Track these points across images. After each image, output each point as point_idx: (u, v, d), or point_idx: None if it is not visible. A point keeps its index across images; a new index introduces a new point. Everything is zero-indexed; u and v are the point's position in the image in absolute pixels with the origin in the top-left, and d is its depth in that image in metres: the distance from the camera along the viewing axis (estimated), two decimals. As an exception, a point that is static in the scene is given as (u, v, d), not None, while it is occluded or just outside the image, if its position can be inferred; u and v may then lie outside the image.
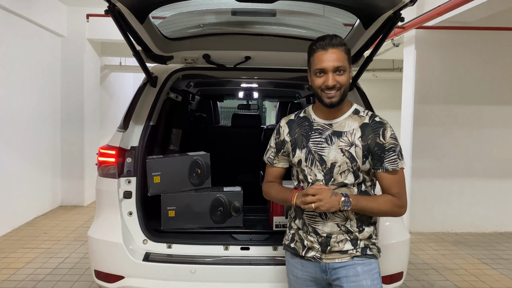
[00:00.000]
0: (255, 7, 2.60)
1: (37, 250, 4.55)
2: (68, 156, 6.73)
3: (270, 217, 2.77)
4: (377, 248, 1.84)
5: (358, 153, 1.74)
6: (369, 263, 1.78)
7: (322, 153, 1.76)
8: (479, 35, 5.52)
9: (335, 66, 1.68)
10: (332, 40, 1.70)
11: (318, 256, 1.79)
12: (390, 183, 1.77)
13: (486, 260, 4.57)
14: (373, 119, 1.78)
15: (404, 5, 2.00)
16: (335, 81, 1.68)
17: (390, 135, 1.75)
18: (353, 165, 1.74)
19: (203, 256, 2.49)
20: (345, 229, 1.78)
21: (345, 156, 1.74)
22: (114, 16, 2.19)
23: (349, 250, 1.78)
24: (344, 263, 1.77)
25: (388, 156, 1.74)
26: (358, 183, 1.78)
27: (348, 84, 1.73)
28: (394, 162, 1.75)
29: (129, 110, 2.76)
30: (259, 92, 5.33)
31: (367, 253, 1.79)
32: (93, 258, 2.57)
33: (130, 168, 2.61)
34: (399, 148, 1.77)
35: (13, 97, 5.39)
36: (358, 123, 1.77)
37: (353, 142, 1.75)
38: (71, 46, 6.65)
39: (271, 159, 1.95)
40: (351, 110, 1.80)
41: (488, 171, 5.66)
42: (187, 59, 2.90)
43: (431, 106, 5.60)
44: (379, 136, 1.74)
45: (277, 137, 1.92)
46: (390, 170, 1.75)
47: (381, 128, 1.75)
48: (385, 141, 1.74)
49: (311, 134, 1.80)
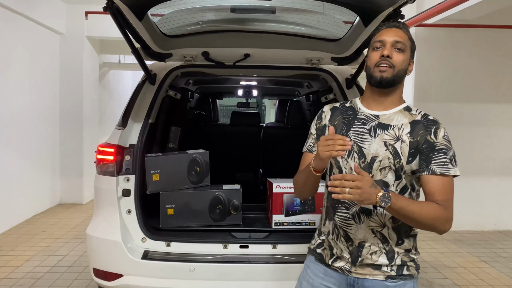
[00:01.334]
0: (254, 4, 2.59)
1: (35, 248, 4.55)
2: (67, 154, 6.71)
3: (269, 215, 2.76)
4: (416, 266, 1.61)
5: (404, 149, 1.53)
6: (403, 285, 1.57)
7: (362, 145, 1.57)
8: (479, 33, 5.51)
9: (395, 40, 1.56)
10: (399, 22, 1.64)
11: (347, 268, 1.60)
12: (435, 188, 1.51)
13: (485, 258, 4.57)
14: (426, 117, 1.59)
15: (404, 2, 1.99)
16: (391, 53, 1.55)
17: (443, 135, 1.54)
18: (396, 162, 1.53)
19: (202, 254, 2.49)
20: (381, 236, 1.57)
21: (388, 151, 1.54)
22: (113, 13, 2.19)
23: (383, 265, 1.57)
24: (376, 282, 1.57)
25: (437, 157, 1.52)
26: (401, 188, 1.56)
27: (403, 69, 1.57)
28: (444, 165, 1.51)
29: (128, 108, 2.75)
30: (258, 90, 5.32)
31: (403, 273, 1.57)
32: (92, 256, 2.57)
33: (128, 166, 2.60)
34: (452, 152, 1.53)
35: (11, 95, 5.38)
36: (408, 119, 1.58)
37: (400, 136, 1.55)
38: (70, 43, 6.63)
39: (311, 146, 1.72)
40: (402, 105, 1.63)
41: (487, 169, 5.66)
42: (186, 56, 2.89)
43: (430, 104, 5.59)
44: (431, 133, 1.54)
45: (318, 122, 1.73)
46: (437, 173, 1.50)
47: (434, 126, 1.56)
48: (436, 140, 1.53)
49: (354, 123, 1.62)
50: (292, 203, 2.65)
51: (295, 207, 2.68)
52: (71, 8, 6.55)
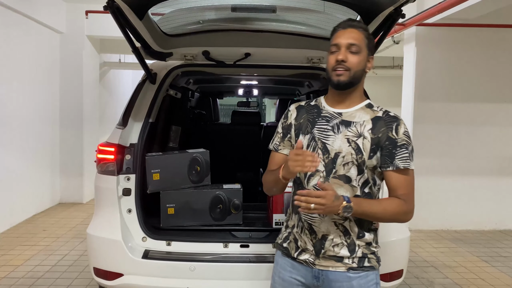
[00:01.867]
0: (255, 3, 2.59)
1: (36, 248, 4.55)
2: (67, 153, 6.71)
3: (269, 214, 2.76)
4: (377, 258, 1.69)
5: (366, 145, 1.61)
6: (365, 276, 1.65)
7: (326, 141, 1.64)
8: (479, 32, 5.50)
9: (349, 42, 1.60)
10: (354, 21, 1.68)
11: (311, 260, 1.67)
12: (399, 183, 1.62)
13: (485, 258, 4.57)
14: (387, 114, 1.67)
15: (404, 1, 2.00)
16: (346, 57, 1.59)
17: (404, 131, 1.63)
18: (358, 157, 1.61)
19: (203, 254, 2.49)
20: (343, 229, 1.64)
21: (350, 147, 1.62)
22: (113, 12, 2.18)
23: (345, 257, 1.64)
24: (339, 274, 1.64)
25: (400, 153, 1.61)
26: (363, 182, 1.64)
27: (360, 70, 1.62)
28: (406, 160, 1.61)
29: (128, 107, 2.75)
30: (259, 89, 5.31)
31: (364, 265, 1.65)
32: (92, 255, 2.56)
33: (129, 165, 2.60)
34: (411, 147, 1.64)
35: (12, 94, 5.37)
36: (370, 116, 1.66)
37: (361, 133, 1.63)
38: (70, 43, 6.62)
39: (277, 145, 1.81)
40: (364, 103, 1.70)
41: (487, 169, 5.65)
42: (187, 55, 2.89)
43: (431, 104, 5.59)
44: (392, 130, 1.62)
45: (284, 121, 1.80)
46: (401, 168, 1.61)
47: (395, 122, 1.63)
48: (397, 136, 1.62)
49: (318, 120, 1.69)
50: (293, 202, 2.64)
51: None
52: (72, 7, 6.55)
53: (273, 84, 4.60)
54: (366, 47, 1.64)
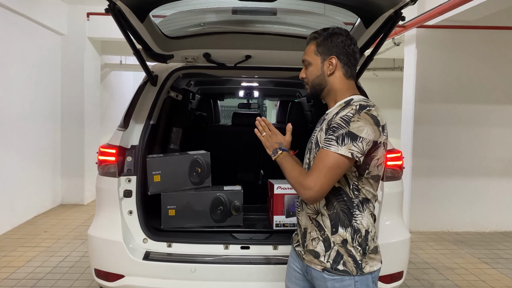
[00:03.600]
0: (255, 5, 2.60)
1: (37, 249, 4.55)
2: (68, 155, 6.72)
3: (270, 216, 2.77)
4: (356, 264, 1.57)
5: (322, 137, 1.60)
6: (340, 280, 1.58)
7: (311, 141, 1.74)
8: (480, 34, 5.50)
9: (302, 59, 1.74)
10: (310, 35, 1.74)
11: (301, 253, 1.72)
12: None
13: (486, 259, 4.57)
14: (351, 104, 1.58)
15: (405, 4, 2.00)
16: (304, 74, 1.74)
17: (343, 115, 1.53)
18: (316, 150, 1.62)
19: (203, 255, 2.49)
20: (317, 223, 1.64)
21: (312, 142, 1.70)
22: (115, 14, 2.19)
23: (321, 254, 1.61)
24: (316, 272, 1.63)
25: (328, 135, 1.55)
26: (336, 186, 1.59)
27: (315, 78, 1.69)
28: (328, 141, 1.52)
29: (130, 108, 2.76)
30: (259, 91, 5.33)
31: (337, 268, 1.58)
32: (93, 256, 2.57)
33: (130, 167, 2.61)
34: (343, 131, 1.50)
35: (13, 95, 5.39)
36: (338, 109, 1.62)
37: (322, 127, 1.65)
38: (72, 44, 6.65)
39: None
40: (344, 100, 1.66)
41: (488, 170, 5.65)
42: (188, 57, 2.90)
43: (431, 105, 5.59)
44: (336, 115, 1.56)
45: None
46: (321, 147, 1.55)
47: (344, 109, 1.56)
48: (334, 120, 1.55)
49: (317, 124, 1.79)
50: (293, 204, 2.65)
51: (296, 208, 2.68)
52: (73, 9, 6.57)
53: (274, 86, 4.62)
54: (317, 54, 1.69)
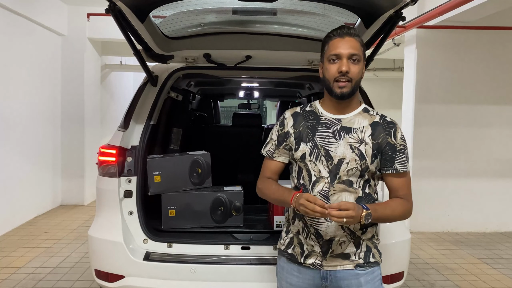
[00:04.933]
0: (256, 6, 2.60)
1: (37, 249, 4.55)
2: (69, 155, 6.73)
3: (270, 216, 2.77)
4: (379, 253, 1.78)
5: (368, 151, 1.68)
6: (371, 272, 1.73)
7: (329, 148, 1.68)
8: (480, 34, 5.51)
9: (351, 52, 1.63)
10: (350, 29, 1.67)
11: (318, 263, 1.71)
12: (399, 184, 1.73)
13: (486, 260, 4.56)
14: (383, 119, 1.75)
15: (405, 4, 2.00)
16: (349, 68, 1.63)
17: (401, 136, 1.73)
18: (362, 163, 1.67)
19: (204, 256, 2.49)
20: (349, 231, 1.70)
21: (354, 153, 1.67)
22: (115, 15, 2.19)
23: (352, 253, 1.71)
24: (347, 272, 1.70)
25: (398, 157, 1.71)
26: (363, 184, 1.71)
27: (360, 78, 1.68)
28: (404, 164, 1.72)
29: (130, 109, 2.75)
30: (259, 91, 5.32)
31: (369, 261, 1.73)
32: (94, 257, 2.57)
33: (130, 167, 2.61)
34: (407, 151, 1.75)
35: (13, 96, 5.39)
36: (368, 121, 1.72)
37: (363, 139, 1.69)
38: (72, 45, 6.65)
39: (271, 152, 1.84)
40: (360, 108, 1.76)
41: (489, 171, 5.65)
42: (188, 58, 2.90)
43: (431, 106, 5.59)
44: (391, 136, 1.71)
45: (281, 128, 1.81)
46: (400, 171, 1.72)
47: (393, 128, 1.73)
48: (396, 141, 1.71)
49: (318, 127, 1.72)
50: (294, 204, 2.64)
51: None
52: (73, 9, 6.58)
53: (274, 86, 4.61)
54: (363, 55, 1.68)
